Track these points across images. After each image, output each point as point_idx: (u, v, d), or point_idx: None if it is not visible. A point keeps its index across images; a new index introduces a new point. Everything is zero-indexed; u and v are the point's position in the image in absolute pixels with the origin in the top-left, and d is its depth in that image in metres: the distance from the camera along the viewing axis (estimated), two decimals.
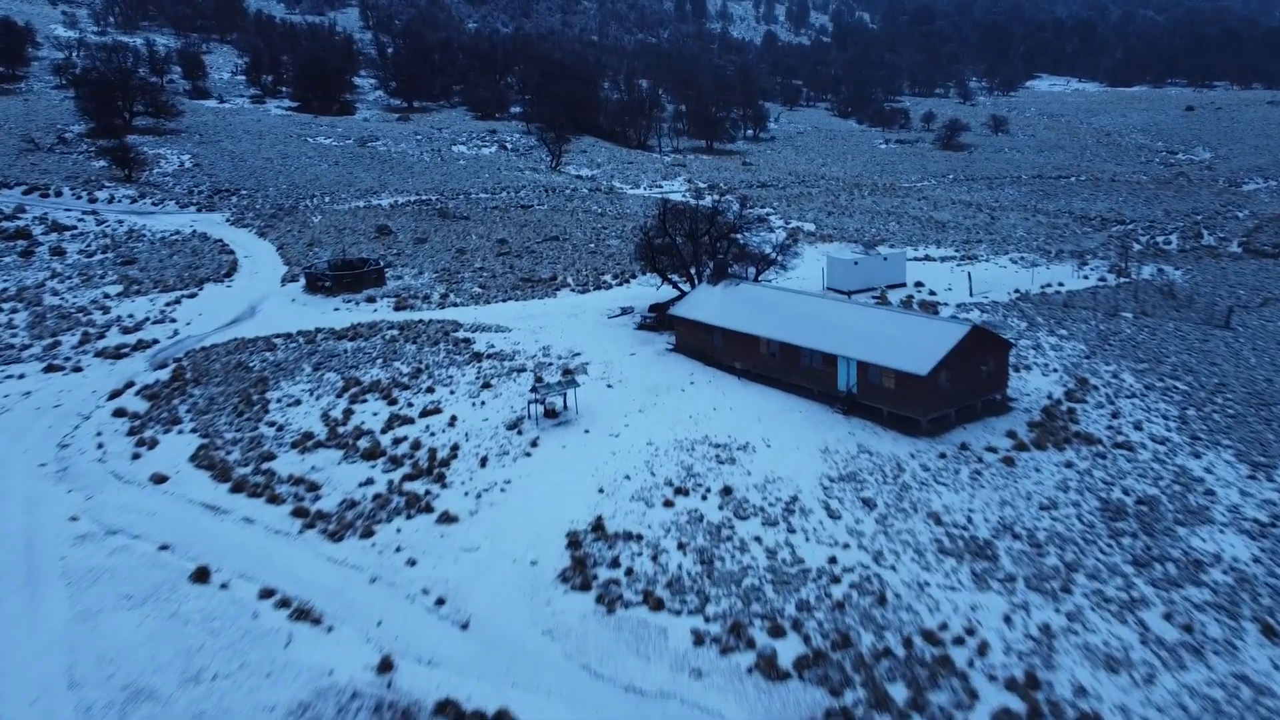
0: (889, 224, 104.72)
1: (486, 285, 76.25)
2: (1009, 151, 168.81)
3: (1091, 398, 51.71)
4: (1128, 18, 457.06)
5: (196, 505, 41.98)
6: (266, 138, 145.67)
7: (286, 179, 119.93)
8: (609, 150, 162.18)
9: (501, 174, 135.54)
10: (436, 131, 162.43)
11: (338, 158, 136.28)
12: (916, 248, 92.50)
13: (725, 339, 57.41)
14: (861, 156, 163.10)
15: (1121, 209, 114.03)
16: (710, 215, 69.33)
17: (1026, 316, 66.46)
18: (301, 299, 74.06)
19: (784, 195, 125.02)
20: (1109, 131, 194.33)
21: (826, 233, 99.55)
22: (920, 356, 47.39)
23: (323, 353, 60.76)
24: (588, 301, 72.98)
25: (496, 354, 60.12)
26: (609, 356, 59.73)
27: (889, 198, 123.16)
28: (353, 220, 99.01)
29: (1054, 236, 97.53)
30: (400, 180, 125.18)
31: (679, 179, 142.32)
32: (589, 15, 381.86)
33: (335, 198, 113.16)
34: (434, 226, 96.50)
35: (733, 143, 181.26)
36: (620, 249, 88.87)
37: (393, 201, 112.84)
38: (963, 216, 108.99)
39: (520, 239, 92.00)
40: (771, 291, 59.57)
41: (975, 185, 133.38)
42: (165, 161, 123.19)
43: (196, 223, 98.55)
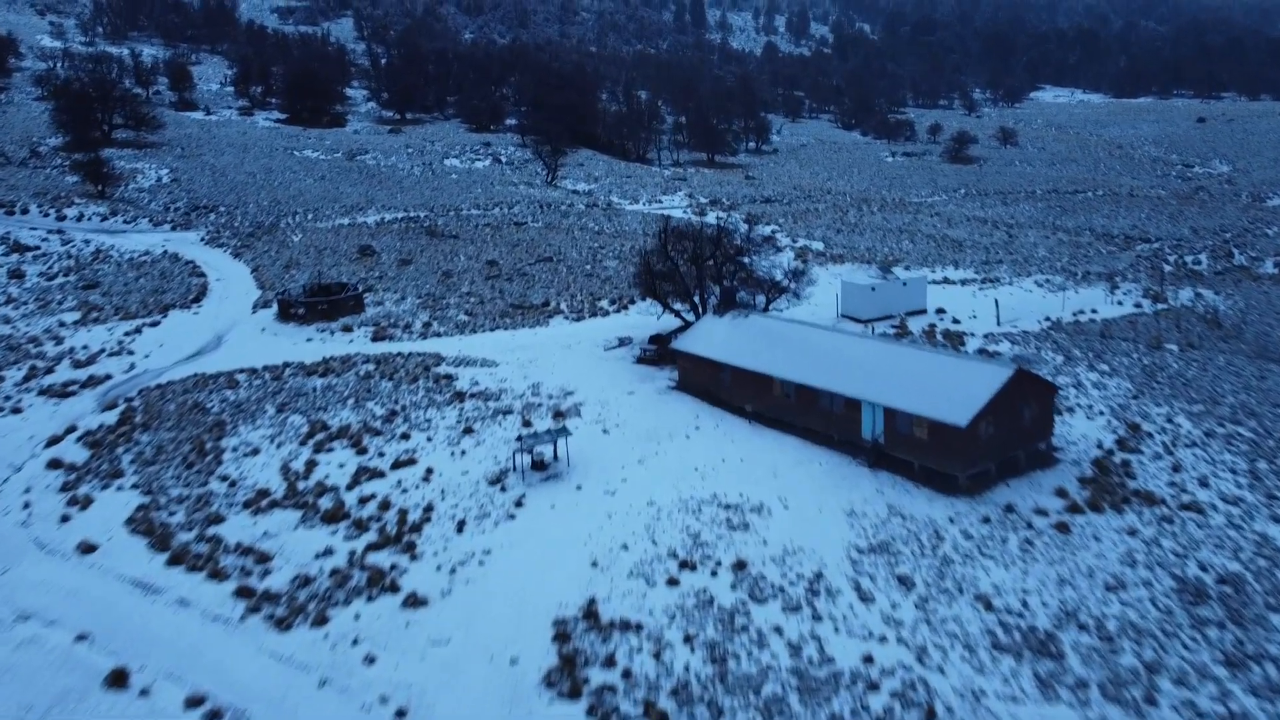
0: (902, 243, 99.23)
1: (473, 312, 70.64)
2: (1019, 164, 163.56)
3: (1146, 447, 46.03)
4: (1129, 28, 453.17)
5: (127, 582, 36.23)
6: (251, 151, 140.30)
7: (269, 195, 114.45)
8: (607, 163, 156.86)
9: (495, 189, 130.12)
10: (429, 144, 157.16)
11: (324, 172, 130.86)
12: (934, 269, 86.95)
13: (734, 377, 51.77)
14: (868, 170, 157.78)
15: (1145, 226, 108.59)
16: (715, 237, 63.78)
17: (1062, 349, 60.85)
18: (273, 328, 68.41)
19: (790, 211, 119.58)
20: (1120, 144, 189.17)
21: (837, 252, 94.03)
22: (957, 404, 41.75)
23: (289, 391, 55.08)
24: (582, 330, 67.37)
25: (481, 393, 54.45)
26: (605, 395, 54.11)
27: (900, 214, 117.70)
28: (335, 239, 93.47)
29: (1078, 256, 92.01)
30: (388, 196, 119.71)
31: (679, 193, 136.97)
32: (587, 26, 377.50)
33: (319, 215, 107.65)
34: (420, 246, 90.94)
35: (734, 155, 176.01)
36: (618, 271, 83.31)
37: (379, 219, 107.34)
38: (979, 234, 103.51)
39: (512, 260, 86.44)
40: (785, 324, 53.91)
41: (989, 200, 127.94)
42: (142, 176, 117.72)
43: (169, 242, 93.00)
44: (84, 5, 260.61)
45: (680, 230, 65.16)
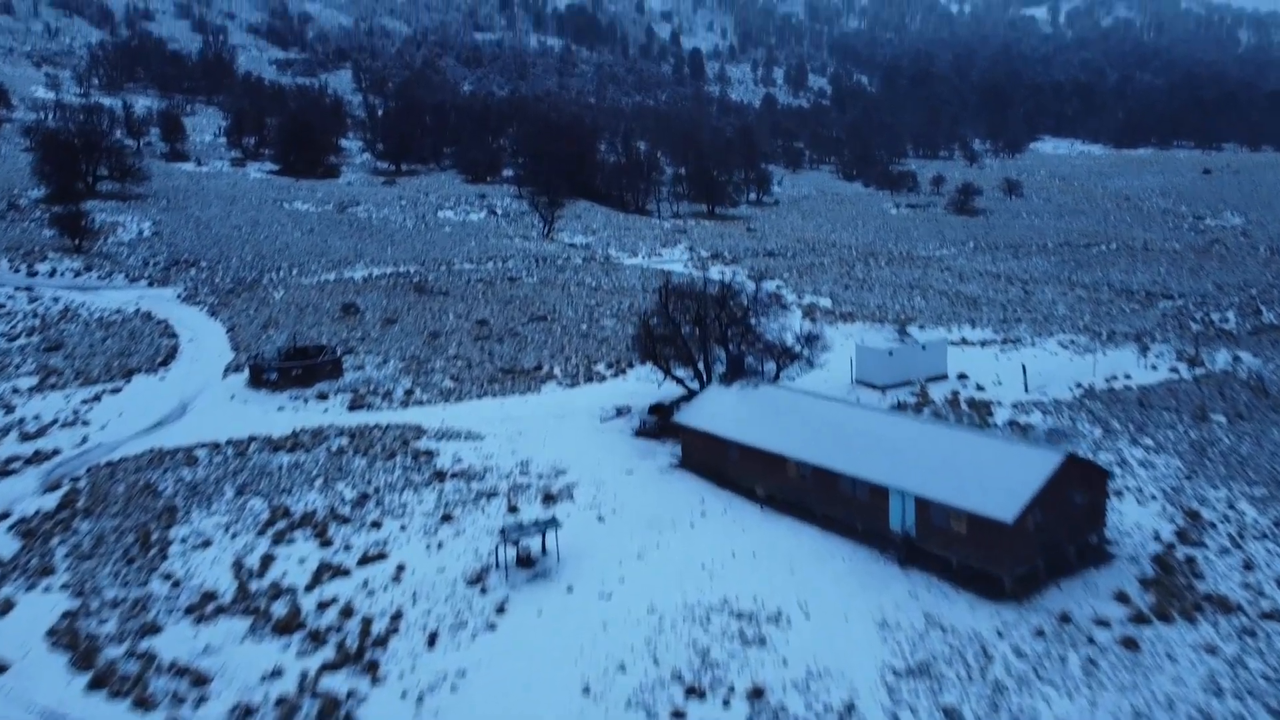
0: (913, 299, 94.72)
1: (460, 378, 65.72)
2: (1026, 216, 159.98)
3: (1210, 539, 40.81)
4: (1125, 80, 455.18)
5: (35, 715, 30.85)
6: (239, 203, 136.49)
7: (253, 249, 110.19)
8: (605, 215, 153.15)
9: (489, 242, 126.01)
10: (423, 196, 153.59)
11: (313, 224, 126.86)
12: (950, 328, 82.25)
13: (743, 456, 46.69)
14: (872, 222, 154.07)
15: (1165, 281, 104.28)
16: (720, 297, 59.11)
17: (1099, 420, 55.82)
18: (243, 394, 63.42)
19: (794, 265, 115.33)
20: (1128, 195, 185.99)
21: (846, 310, 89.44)
22: (1001, 495, 36.64)
23: (252, 470, 49.92)
24: (577, 398, 62.40)
25: (463, 472, 49.31)
26: (601, 474, 48.99)
27: (909, 268, 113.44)
28: (318, 296, 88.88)
29: (1100, 314, 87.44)
30: (378, 249, 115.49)
31: (680, 246, 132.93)
32: (586, 78, 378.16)
33: (304, 269, 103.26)
34: (407, 304, 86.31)
35: (735, 207, 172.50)
36: (616, 331, 78.56)
37: (367, 274, 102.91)
38: (994, 290, 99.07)
39: (503, 319, 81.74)
40: (800, 397, 48.94)
41: (1000, 254, 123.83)
42: (122, 229, 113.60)
43: (144, 299, 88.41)
44: (80, 57, 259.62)
45: (681, 289, 60.51)
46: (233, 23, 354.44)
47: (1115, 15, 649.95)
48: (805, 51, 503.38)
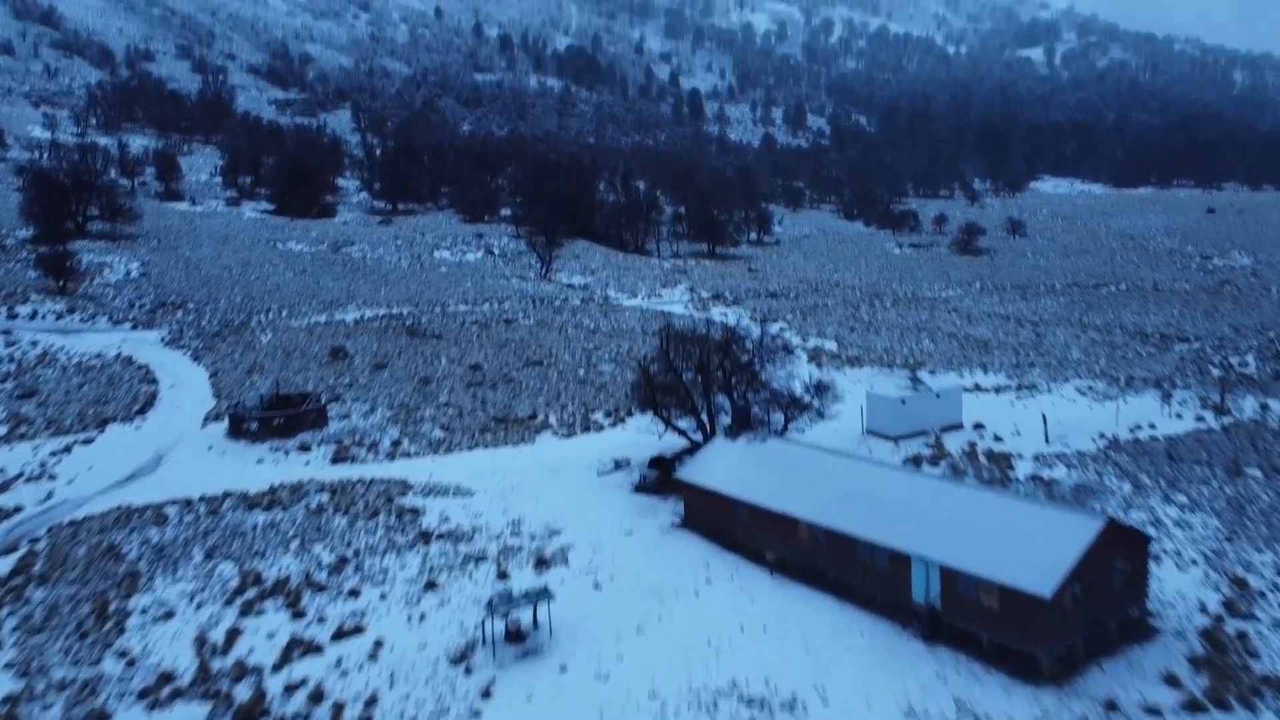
0: (922, 342, 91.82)
1: (450, 427, 62.57)
2: (1031, 256, 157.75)
3: (1261, 610, 37.47)
4: (1123, 121, 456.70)
5: None
6: (231, 243, 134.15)
7: (243, 290, 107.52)
8: (604, 255, 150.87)
9: (485, 282, 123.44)
10: (419, 235, 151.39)
11: (305, 265, 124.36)
12: (961, 373, 79.26)
13: (751, 517, 43.43)
14: (875, 262, 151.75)
15: (1179, 323, 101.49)
16: (724, 343, 56.16)
17: (1127, 474, 52.60)
18: (221, 446, 60.22)
19: (797, 307, 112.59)
20: (1132, 235, 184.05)
21: (852, 354, 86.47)
22: (1036, 565, 33.37)
23: (224, 530, 46.62)
24: (574, 450, 59.19)
25: (451, 532, 46.02)
26: (598, 535, 45.69)
27: (915, 310, 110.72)
28: (306, 340, 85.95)
29: (1115, 358, 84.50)
30: (371, 290, 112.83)
31: (680, 287, 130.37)
32: (585, 118, 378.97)
33: (294, 311, 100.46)
34: (398, 348, 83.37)
35: (736, 247, 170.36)
36: (614, 376, 75.55)
37: (359, 316, 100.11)
38: (1004, 333, 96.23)
39: (498, 363, 78.75)
40: (811, 452, 45.76)
41: (1007, 295, 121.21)
42: (109, 270, 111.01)
43: (126, 343, 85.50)
44: (79, 97, 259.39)
45: (683, 334, 57.58)
46: (233, 63, 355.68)
47: (1110, 57, 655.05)
48: (804, 92, 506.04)
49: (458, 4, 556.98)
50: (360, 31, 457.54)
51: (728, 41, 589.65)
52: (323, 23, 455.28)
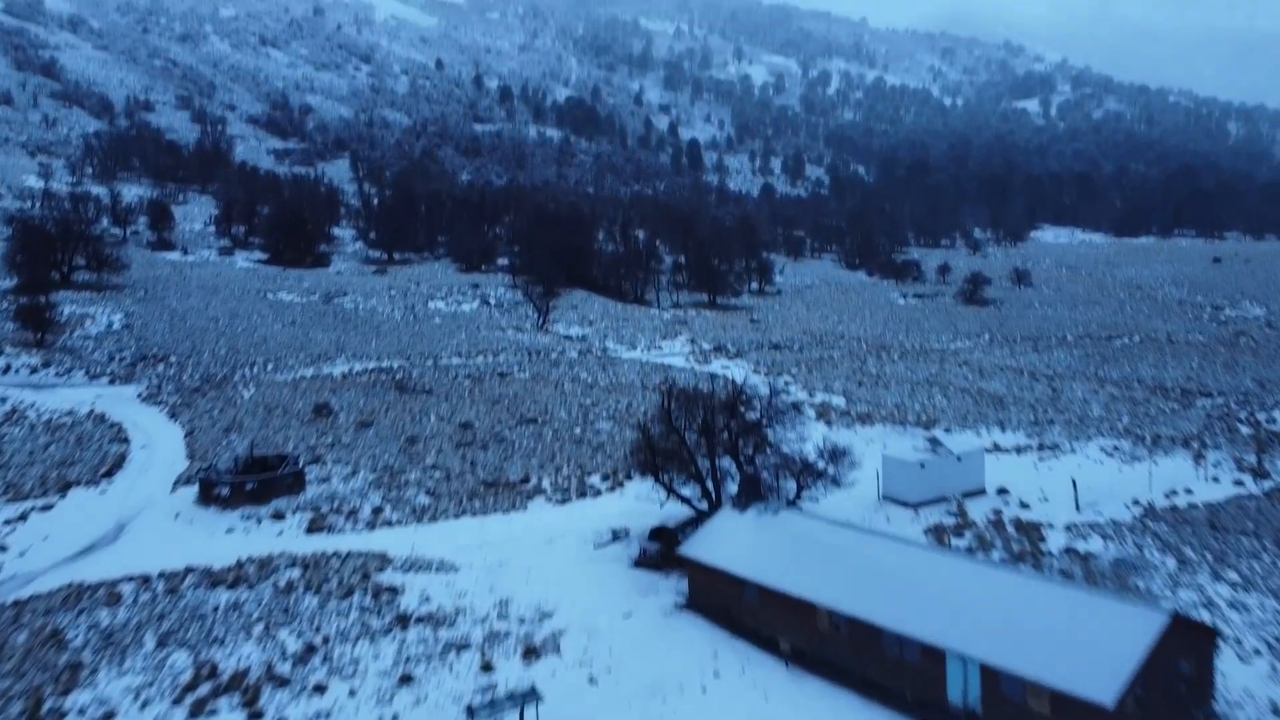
0: (934, 397, 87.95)
1: (437, 492, 58.41)
2: (1039, 307, 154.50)
3: None
4: (1121, 171, 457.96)
5: None
6: (221, 293, 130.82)
7: (228, 343, 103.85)
8: (603, 305, 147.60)
9: (480, 334, 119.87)
10: (413, 285, 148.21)
11: (295, 316, 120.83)
12: (977, 431, 75.33)
13: (763, 600, 39.21)
14: (880, 313, 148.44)
15: (1200, 377, 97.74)
16: (729, 403, 52.33)
17: (1169, 547, 48.40)
18: (189, 513, 56.00)
19: (802, 360, 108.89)
20: (1139, 285, 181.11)
21: (862, 410, 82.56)
22: (1094, 665, 29.19)
23: (182, 612, 42.29)
24: (568, 518, 54.98)
25: (431, 615, 41.70)
26: (594, 618, 41.40)
27: (924, 363, 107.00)
28: (290, 396, 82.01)
29: (1138, 415, 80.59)
30: (361, 343, 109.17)
31: (680, 338, 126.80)
32: (584, 167, 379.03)
33: (280, 365, 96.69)
34: (386, 404, 79.44)
35: (737, 297, 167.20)
36: (612, 435, 71.52)
37: (347, 369, 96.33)
38: (1019, 388, 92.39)
39: (490, 421, 74.75)
40: (829, 528, 41.66)
41: (1018, 347, 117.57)
42: (91, 322, 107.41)
43: (101, 399, 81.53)
44: (76, 147, 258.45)
45: (686, 393, 53.72)
46: (233, 114, 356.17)
47: (1105, 108, 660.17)
48: (802, 142, 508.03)
49: (458, 56, 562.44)
50: (361, 83, 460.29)
51: (726, 93, 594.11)
52: (324, 74, 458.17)
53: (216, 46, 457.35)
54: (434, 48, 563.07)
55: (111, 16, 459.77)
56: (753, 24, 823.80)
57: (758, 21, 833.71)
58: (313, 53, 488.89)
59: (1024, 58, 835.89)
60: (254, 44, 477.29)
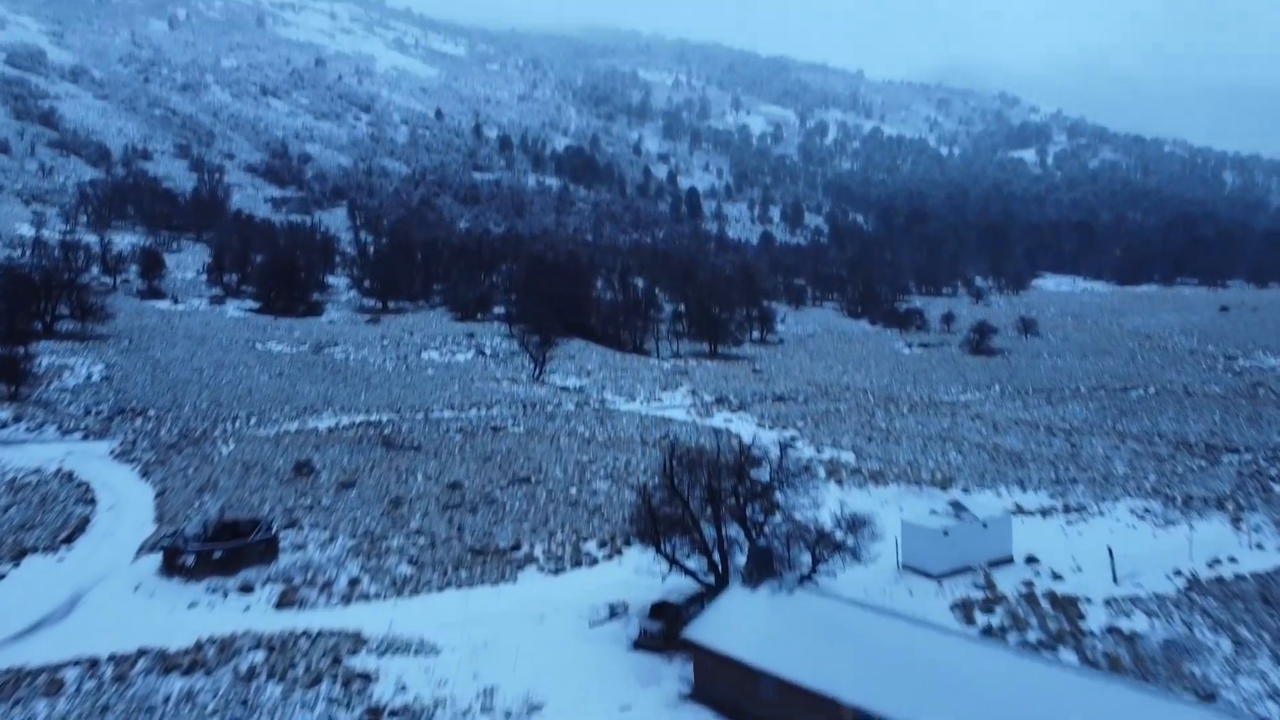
0: (947, 453, 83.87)
1: (420, 561, 54.06)
2: (1048, 357, 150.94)
3: None
4: (1119, 220, 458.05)
5: None
6: (208, 343, 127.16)
7: (211, 395, 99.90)
8: (601, 355, 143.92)
9: (474, 385, 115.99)
10: (407, 335, 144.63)
11: (283, 367, 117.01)
12: (997, 490, 71.20)
13: (779, 694, 34.81)
14: (885, 363, 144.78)
15: (1224, 431, 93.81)
16: (738, 466, 48.31)
17: (1221, 626, 44.07)
18: (150, 584, 51.57)
19: (807, 413, 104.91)
20: (1148, 334, 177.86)
21: (873, 467, 78.45)
22: None
23: (129, 703, 37.79)
24: (562, 590, 50.60)
25: (407, 708, 37.20)
26: (588, 710, 36.99)
27: (934, 416, 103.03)
28: (271, 452, 77.85)
29: (1165, 473, 76.48)
30: (350, 395, 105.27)
31: (681, 389, 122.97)
32: (583, 215, 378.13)
33: (264, 419, 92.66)
34: (371, 461, 75.28)
35: (739, 346, 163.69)
36: (610, 497, 67.30)
37: (334, 423, 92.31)
38: (1035, 443, 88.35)
39: (480, 480, 70.54)
40: (853, 611, 37.37)
41: (1030, 399, 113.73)
42: (69, 373, 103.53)
43: (72, 455, 77.31)
44: (71, 195, 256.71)
45: (690, 455, 49.67)
46: (231, 162, 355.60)
47: (1101, 158, 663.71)
48: (800, 191, 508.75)
49: (458, 106, 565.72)
50: (361, 132, 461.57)
51: (724, 142, 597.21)
52: (323, 123, 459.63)
53: (217, 96, 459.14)
54: (434, 98, 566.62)
55: (114, 67, 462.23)
56: (750, 75, 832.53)
57: (755, 73, 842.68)
58: (313, 102, 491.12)
59: (1019, 108, 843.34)
60: (254, 93, 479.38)
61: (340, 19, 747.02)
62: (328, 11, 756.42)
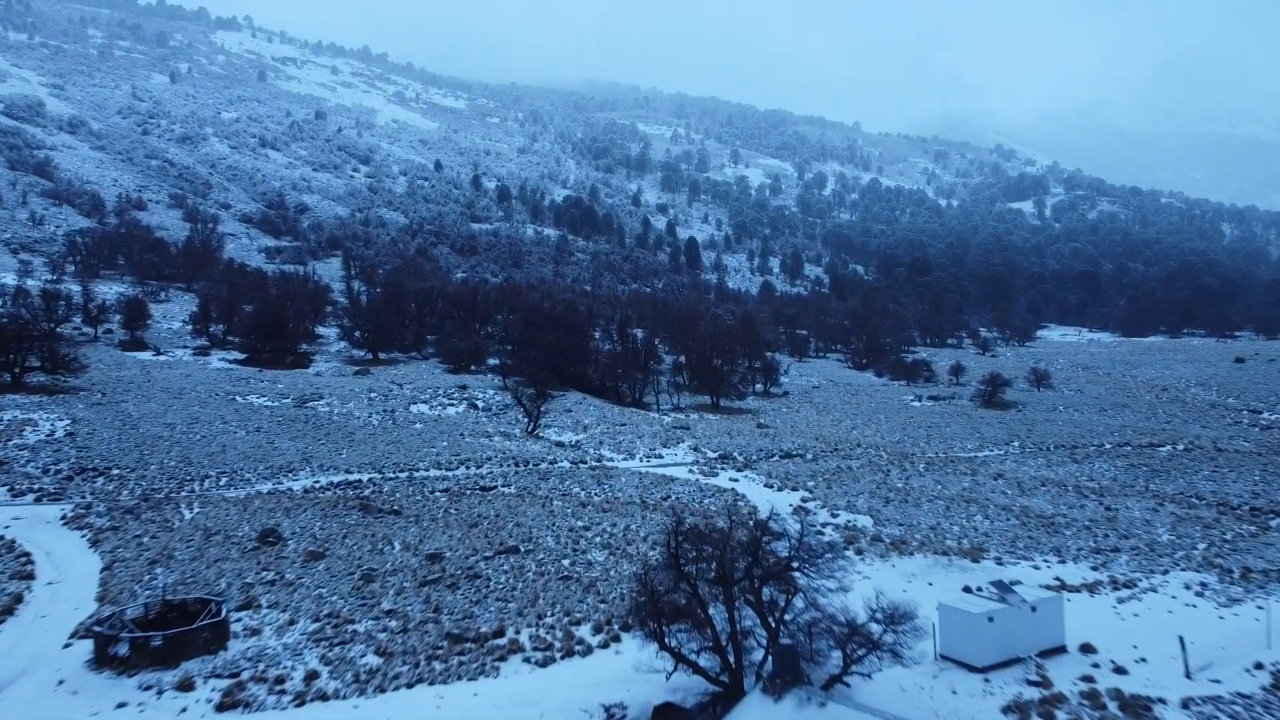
0: (973, 517, 77.40)
1: (389, 649, 47.35)
2: (1065, 410, 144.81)
3: None
4: (1121, 270, 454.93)
5: None
6: (186, 396, 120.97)
7: (181, 453, 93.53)
8: (599, 409, 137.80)
9: (464, 441, 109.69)
10: (396, 387, 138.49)
11: (262, 422, 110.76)
12: (1032, 560, 64.74)
13: None
14: (896, 416, 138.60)
15: (1268, 492, 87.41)
16: (752, 543, 42.00)
17: None
18: (76, 679, 44.85)
19: (818, 471, 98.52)
20: (1164, 386, 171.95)
21: (893, 533, 71.98)
22: None
23: None
24: (551, 685, 43.89)
25: None
26: None
27: (953, 474, 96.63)
28: (238, 517, 71.32)
29: (1213, 540, 69.99)
30: (330, 453, 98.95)
31: (682, 445, 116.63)
32: (582, 265, 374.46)
33: (236, 479, 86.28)
34: (346, 528, 68.72)
35: (742, 399, 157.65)
36: (608, 570, 60.74)
37: (310, 484, 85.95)
38: (1065, 505, 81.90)
39: (463, 550, 63.97)
40: None
41: (1053, 456, 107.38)
42: (31, 429, 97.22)
43: (19, 520, 70.71)
44: (60, 244, 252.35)
45: (698, 532, 43.39)
46: (227, 212, 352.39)
47: (1099, 209, 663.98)
48: (800, 242, 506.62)
49: (458, 158, 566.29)
50: (359, 183, 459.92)
51: (723, 194, 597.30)
52: (321, 174, 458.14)
53: (215, 148, 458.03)
54: (434, 150, 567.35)
55: (113, 119, 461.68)
56: (749, 129, 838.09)
57: (753, 126, 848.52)
58: (311, 154, 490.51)
59: (1015, 161, 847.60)
60: (253, 145, 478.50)
61: (342, 73, 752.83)
62: (329, 66, 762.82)
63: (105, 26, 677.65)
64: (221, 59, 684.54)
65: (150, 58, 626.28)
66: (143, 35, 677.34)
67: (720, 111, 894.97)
